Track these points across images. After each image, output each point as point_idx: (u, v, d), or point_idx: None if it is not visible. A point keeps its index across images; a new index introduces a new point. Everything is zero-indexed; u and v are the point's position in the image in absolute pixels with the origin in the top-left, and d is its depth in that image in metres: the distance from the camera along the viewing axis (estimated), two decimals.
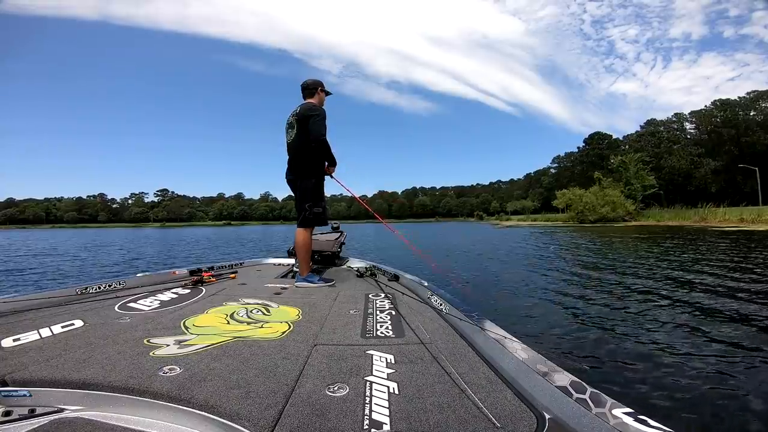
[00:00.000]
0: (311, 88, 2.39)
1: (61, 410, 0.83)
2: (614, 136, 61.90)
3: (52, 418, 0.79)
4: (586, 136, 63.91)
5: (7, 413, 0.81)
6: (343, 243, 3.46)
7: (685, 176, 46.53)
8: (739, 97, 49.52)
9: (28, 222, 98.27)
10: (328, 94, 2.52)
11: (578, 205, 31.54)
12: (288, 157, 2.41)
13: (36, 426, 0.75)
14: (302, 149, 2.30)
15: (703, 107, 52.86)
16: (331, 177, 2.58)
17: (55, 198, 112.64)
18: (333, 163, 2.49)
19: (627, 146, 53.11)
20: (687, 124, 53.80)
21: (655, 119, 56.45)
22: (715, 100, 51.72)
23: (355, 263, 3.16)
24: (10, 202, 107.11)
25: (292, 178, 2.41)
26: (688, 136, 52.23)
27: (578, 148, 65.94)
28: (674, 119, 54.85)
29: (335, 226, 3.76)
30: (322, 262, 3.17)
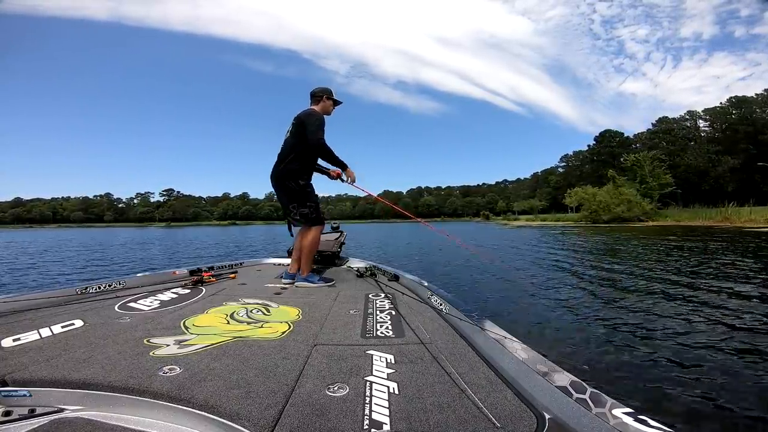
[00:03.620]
0: (317, 96, 2.41)
1: (61, 410, 0.83)
2: (625, 134, 60.63)
3: (52, 418, 0.80)
4: (597, 134, 62.61)
5: (7, 413, 0.81)
6: (343, 243, 3.46)
7: (700, 175, 45.25)
8: (756, 94, 48.06)
9: (34, 221, 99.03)
10: (337, 103, 2.50)
11: (591, 204, 30.73)
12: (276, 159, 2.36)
13: (36, 426, 0.76)
14: (292, 151, 2.28)
15: (718, 104, 51.42)
16: (343, 181, 2.55)
17: (62, 197, 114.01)
18: (341, 166, 2.45)
19: (639, 144, 52.03)
20: (701, 121, 52.35)
21: (667, 117, 55.10)
22: (730, 98, 50.27)
23: (355, 263, 3.15)
24: (18, 202, 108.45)
25: (276, 179, 2.34)
26: (702, 134, 50.79)
27: (588, 146, 64.69)
28: (687, 117, 53.46)
29: (335, 226, 3.76)
30: (322, 262, 3.17)
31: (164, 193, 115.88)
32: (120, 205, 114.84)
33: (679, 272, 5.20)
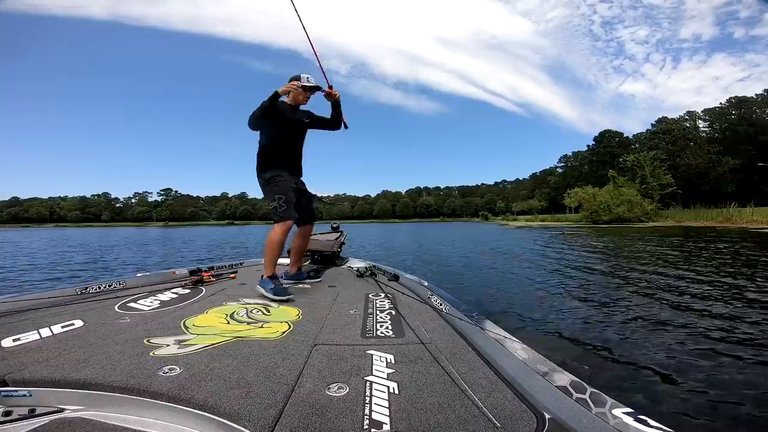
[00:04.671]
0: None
1: (61, 410, 0.84)
2: (625, 135, 60.61)
3: (52, 418, 0.80)
4: (596, 135, 62.38)
5: (7, 413, 0.81)
6: (343, 243, 3.46)
7: (699, 175, 45.24)
8: (756, 95, 48.14)
9: (31, 221, 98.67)
10: (309, 89, 2.16)
11: (592, 204, 30.60)
12: None
13: (36, 426, 0.76)
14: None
15: (718, 104, 51.45)
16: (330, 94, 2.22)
17: (59, 197, 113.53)
18: (269, 100, 2.01)
19: (639, 144, 52.03)
20: (700, 122, 52.38)
21: (666, 117, 55.04)
22: (730, 98, 50.25)
23: (355, 263, 3.15)
24: (14, 201, 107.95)
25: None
26: (702, 135, 50.79)
27: (588, 146, 64.63)
28: (687, 117, 53.51)
29: (335, 226, 3.75)
30: (322, 262, 3.17)
31: (162, 192, 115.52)
32: (118, 205, 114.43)
33: (689, 273, 5.18)
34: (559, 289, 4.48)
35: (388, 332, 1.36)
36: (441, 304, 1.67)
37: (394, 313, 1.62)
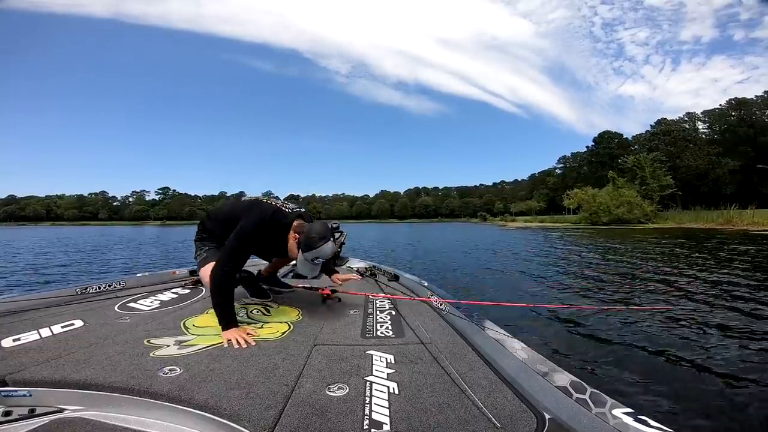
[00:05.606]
0: (303, 233, 1.45)
1: (61, 410, 0.84)
2: (624, 136, 60.63)
3: (52, 418, 0.80)
4: (596, 136, 62.18)
5: (7, 413, 0.81)
6: (343, 243, 3.47)
7: (699, 177, 45.27)
8: (756, 96, 48.22)
9: (28, 219, 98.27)
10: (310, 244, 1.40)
11: (591, 205, 30.50)
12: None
13: (36, 426, 0.76)
14: (218, 216, 1.68)
15: (717, 106, 51.48)
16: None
17: (56, 195, 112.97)
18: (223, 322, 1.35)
19: (638, 146, 52.03)
20: (699, 123, 52.47)
21: (666, 119, 55.08)
22: (730, 99, 50.05)
23: (355, 263, 3.15)
24: (11, 199, 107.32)
25: None
26: (702, 136, 50.85)
27: (587, 147, 64.59)
28: (686, 119, 53.63)
29: (335, 225, 3.74)
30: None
31: (160, 191, 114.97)
32: (115, 204, 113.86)
33: (691, 273, 5.20)
34: (562, 290, 4.49)
35: (388, 332, 1.36)
36: (441, 304, 1.67)
37: (394, 313, 1.62)
